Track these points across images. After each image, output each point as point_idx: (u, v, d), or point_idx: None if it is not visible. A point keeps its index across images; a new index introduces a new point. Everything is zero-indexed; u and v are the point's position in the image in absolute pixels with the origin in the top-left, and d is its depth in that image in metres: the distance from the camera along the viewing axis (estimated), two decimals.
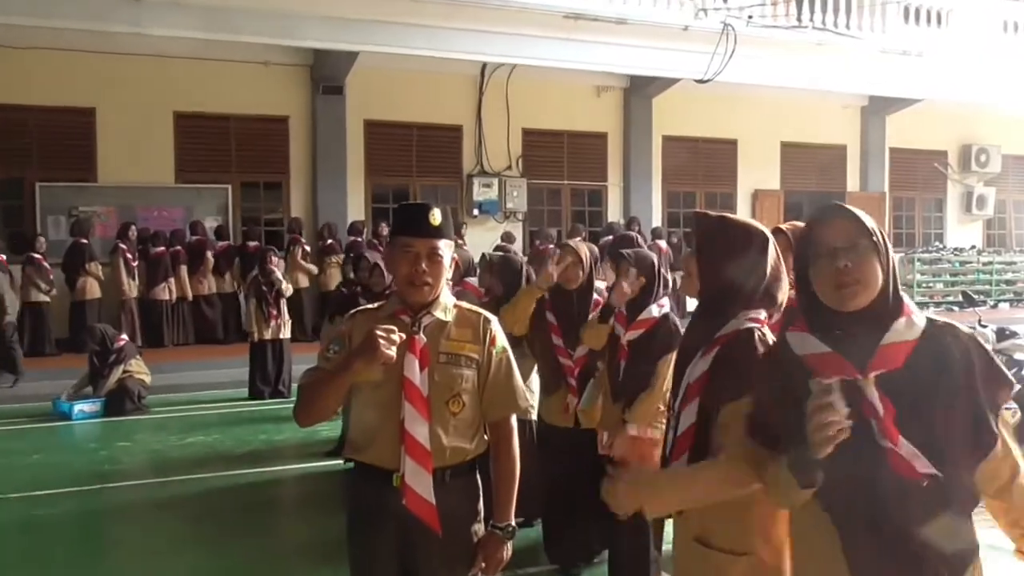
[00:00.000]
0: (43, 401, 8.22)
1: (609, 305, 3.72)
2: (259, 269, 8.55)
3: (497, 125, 13.12)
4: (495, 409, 2.31)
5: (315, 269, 11.45)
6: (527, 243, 13.18)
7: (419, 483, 2.16)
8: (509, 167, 13.36)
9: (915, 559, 1.59)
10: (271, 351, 8.57)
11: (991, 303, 15.70)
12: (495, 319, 2.37)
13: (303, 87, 12.20)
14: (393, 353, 2.04)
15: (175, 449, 6.79)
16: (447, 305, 2.30)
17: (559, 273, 4.01)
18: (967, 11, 13.94)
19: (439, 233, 2.23)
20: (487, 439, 2.33)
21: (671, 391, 2.30)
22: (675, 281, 6.87)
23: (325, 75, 11.94)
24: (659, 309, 3.64)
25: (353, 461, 2.33)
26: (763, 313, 2.13)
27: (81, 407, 7.85)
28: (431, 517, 2.17)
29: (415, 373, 2.19)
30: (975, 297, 9.52)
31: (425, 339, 2.23)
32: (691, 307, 2.53)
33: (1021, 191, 17.68)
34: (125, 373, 8.07)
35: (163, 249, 10.82)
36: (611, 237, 10.37)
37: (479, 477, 2.34)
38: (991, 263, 16.49)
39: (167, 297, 10.85)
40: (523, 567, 4.07)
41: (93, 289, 10.53)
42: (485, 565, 2.27)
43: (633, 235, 7.04)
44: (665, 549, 3.71)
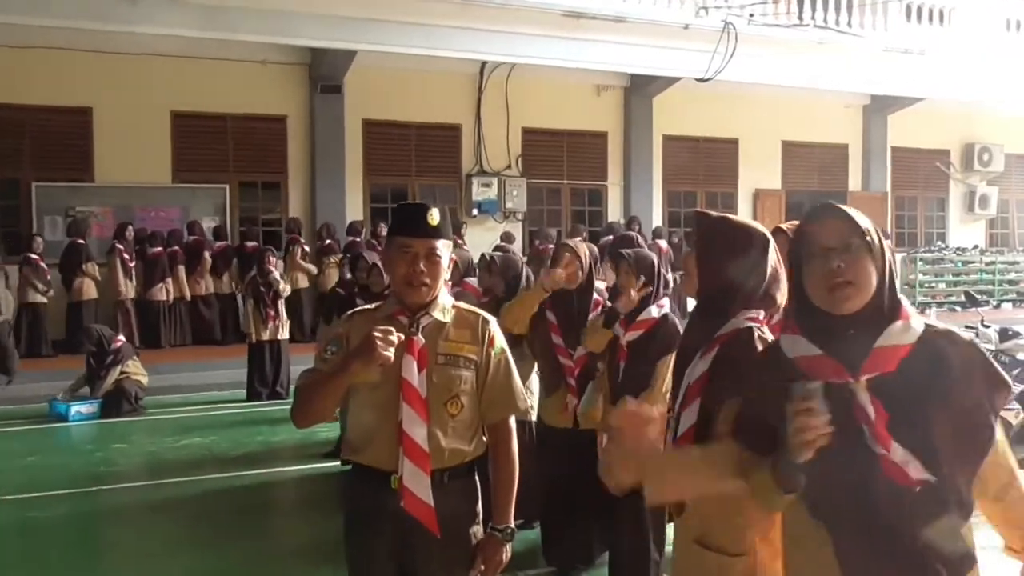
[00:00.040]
0: (39, 402, 8.19)
1: (615, 311, 3.70)
2: (257, 269, 8.53)
3: (496, 124, 13.09)
4: (494, 411, 2.30)
5: (314, 269, 11.40)
6: (526, 243, 13.15)
7: (417, 485, 2.16)
8: (508, 167, 13.33)
9: (910, 565, 1.56)
10: (269, 352, 8.54)
11: (994, 303, 15.67)
12: (493, 320, 2.36)
13: (301, 86, 12.17)
14: (391, 354, 2.03)
15: (172, 451, 6.78)
16: (445, 306, 2.30)
17: (553, 275, 3.98)
18: (969, 9, 13.90)
19: (437, 233, 2.21)
20: (486, 441, 2.32)
21: (671, 392, 2.30)
22: (676, 281, 6.82)
23: (323, 74, 11.92)
24: (659, 310, 3.64)
25: (350, 463, 2.32)
26: (762, 313, 2.14)
27: (78, 408, 7.83)
28: (429, 519, 2.16)
29: (413, 374, 2.18)
30: (978, 297, 9.47)
31: (423, 340, 2.22)
32: (692, 307, 2.55)
33: None
34: (122, 374, 8.05)
35: (160, 249, 10.82)
36: (611, 237, 10.34)
37: (478, 479, 2.33)
38: (994, 263, 16.45)
39: (164, 298, 10.84)
40: (523, 569, 4.05)
41: (90, 290, 10.50)
42: (484, 567, 2.27)
43: (633, 235, 7.03)
44: (666, 551, 3.73)
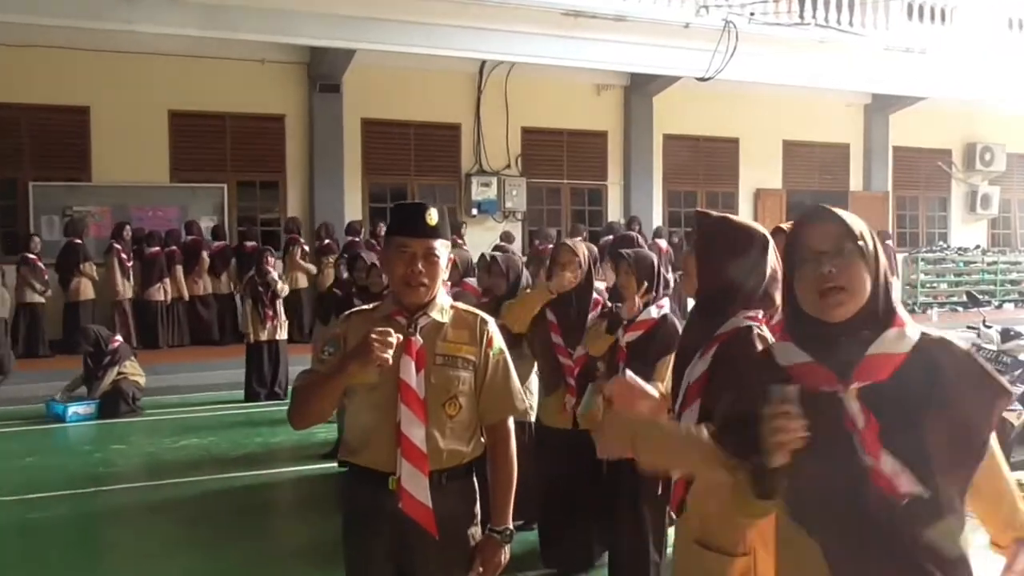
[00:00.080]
0: (37, 403, 8.17)
1: (618, 317, 3.69)
2: (255, 269, 8.51)
3: (496, 124, 13.04)
4: (492, 412, 2.29)
5: (314, 269, 11.38)
6: (526, 243, 13.12)
7: (415, 486, 2.15)
8: (508, 166, 13.28)
9: (901, 572, 1.54)
10: (267, 352, 8.51)
11: (996, 303, 15.65)
12: (492, 320, 2.35)
13: (299, 85, 12.14)
14: (389, 356, 2.02)
15: (170, 452, 6.75)
16: (443, 306, 2.28)
17: (561, 278, 3.97)
18: (971, 8, 13.86)
19: (436, 233, 2.20)
20: (484, 441, 2.31)
21: (671, 392, 2.30)
22: (676, 281, 6.78)
23: (322, 73, 11.89)
24: (658, 310, 3.63)
25: (348, 464, 2.31)
26: (761, 313, 2.15)
27: (75, 409, 7.80)
28: (428, 520, 2.15)
29: (411, 375, 2.17)
30: (979, 297, 9.44)
31: (421, 341, 2.21)
32: (691, 307, 2.56)
33: None
34: (119, 375, 8.02)
35: (158, 249, 10.80)
36: (611, 237, 10.31)
37: (476, 480, 2.32)
38: (996, 263, 16.44)
39: (162, 298, 10.82)
40: (522, 571, 4.02)
41: (87, 290, 10.47)
42: (483, 569, 2.26)
43: (633, 235, 7.02)
44: (666, 553, 3.72)
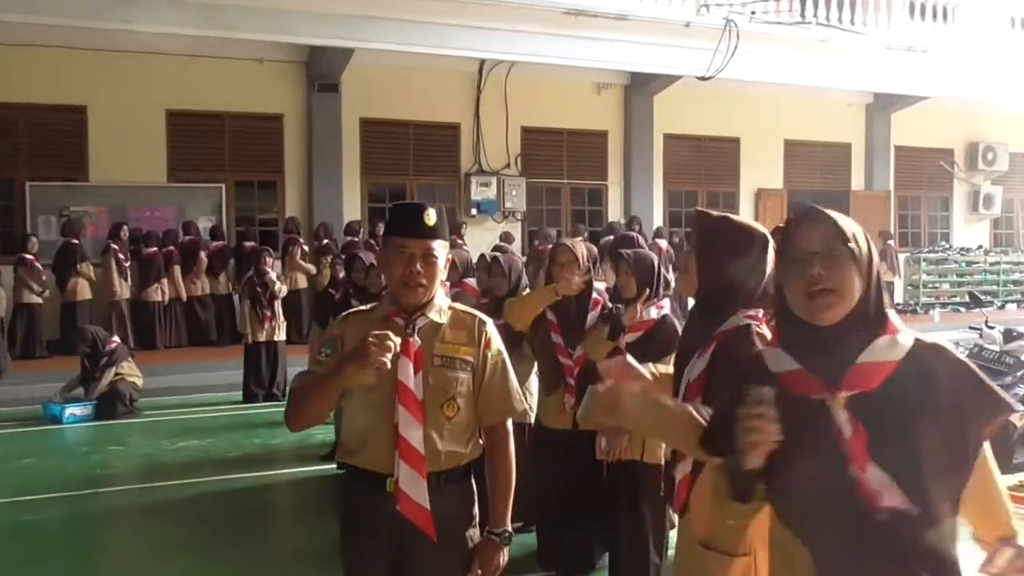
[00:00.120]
0: (33, 404, 8.14)
1: (620, 324, 3.67)
2: (254, 270, 8.49)
3: (495, 123, 13.00)
4: (490, 413, 2.28)
5: (314, 269, 11.34)
6: (526, 243, 13.09)
7: (413, 488, 2.14)
8: (508, 166, 13.24)
9: None
10: (265, 353, 8.48)
11: (998, 304, 15.63)
12: (490, 321, 2.34)
13: (298, 84, 12.10)
14: (388, 361, 2.00)
15: (167, 453, 6.73)
16: (441, 307, 2.27)
17: (568, 282, 3.93)
18: (973, 6, 13.83)
19: (434, 233, 2.19)
20: (482, 443, 2.30)
21: (672, 392, 2.30)
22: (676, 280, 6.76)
23: (320, 72, 11.85)
24: (658, 311, 3.63)
25: (346, 466, 2.30)
26: (761, 312, 2.17)
27: (72, 410, 7.77)
28: (426, 522, 2.14)
29: (409, 376, 2.16)
30: (982, 298, 9.42)
31: (419, 342, 2.20)
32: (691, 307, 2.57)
33: None
34: (117, 376, 7.99)
35: (155, 249, 10.77)
36: (611, 237, 10.27)
37: (474, 481, 2.32)
38: (998, 263, 16.40)
39: (159, 298, 10.79)
40: (521, 574, 3.97)
41: (84, 290, 10.45)
42: (481, 572, 2.25)
43: (634, 235, 6.97)
44: (666, 555, 3.70)
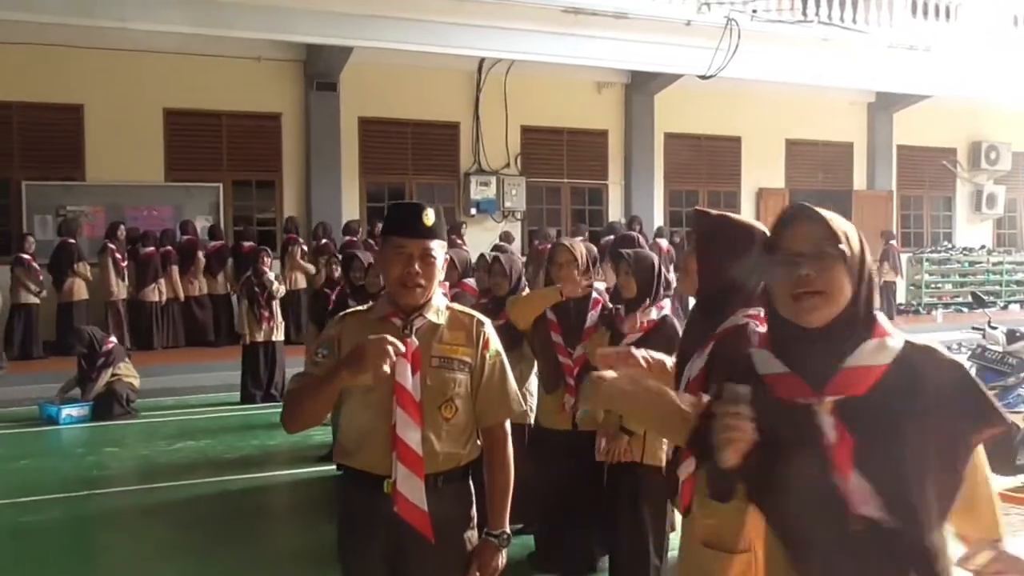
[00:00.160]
0: (30, 405, 8.11)
1: (620, 332, 3.65)
2: (252, 270, 8.47)
3: (495, 122, 12.96)
4: (489, 414, 2.27)
5: (314, 269, 11.28)
6: (525, 243, 13.05)
7: (411, 490, 2.13)
8: (507, 165, 13.20)
9: None
10: (263, 354, 8.44)
11: (1001, 304, 15.61)
12: (488, 322, 2.33)
13: (296, 83, 12.07)
14: (387, 369, 1.99)
15: (164, 454, 6.70)
16: (439, 307, 2.26)
17: (574, 284, 3.90)
18: (976, 5, 13.80)
19: (432, 234, 2.18)
20: (480, 444, 2.29)
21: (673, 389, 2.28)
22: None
23: (319, 71, 11.82)
24: (658, 311, 3.61)
25: (343, 467, 2.28)
26: (762, 311, 2.12)
27: (69, 411, 7.74)
28: (423, 524, 2.13)
29: (407, 377, 2.14)
30: (985, 298, 9.37)
31: (417, 342, 2.18)
32: (692, 307, 2.57)
33: None
34: (114, 376, 7.95)
35: (153, 249, 10.73)
36: (612, 237, 10.23)
37: (472, 483, 2.31)
38: (1001, 263, 16.37)
39: (156, 298, 10.75)
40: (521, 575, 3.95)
41: (80, 290, 10.42)
42: (479, 574, 2.24)
43: (634, 235, 6.93)
44: (667, 556, 3.70)
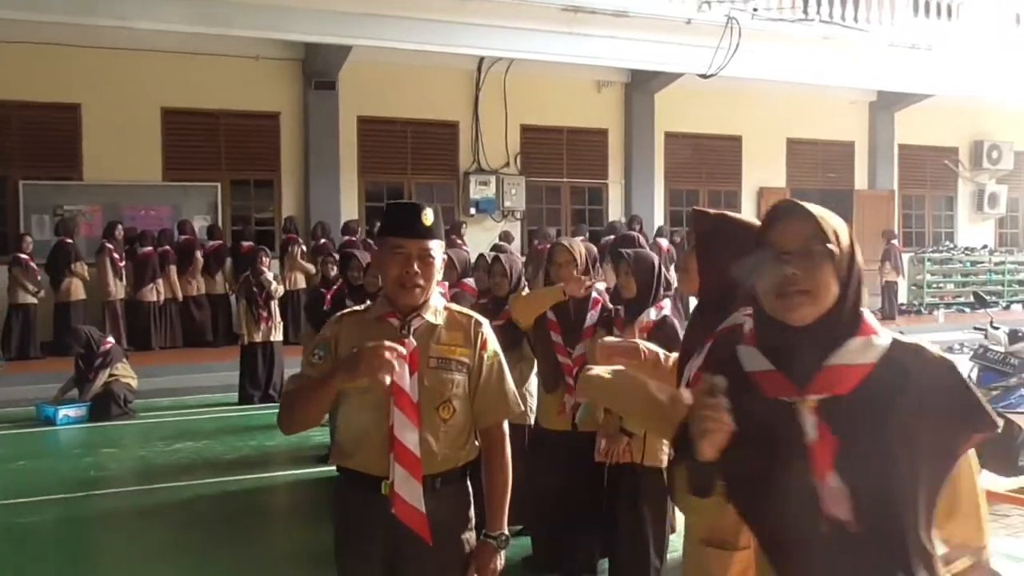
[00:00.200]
0: (27, 406, 8.10)
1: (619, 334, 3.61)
2: (250, 270, 8.46)
3: (494, 121, 12.94)
4: (487, 415, 2.26)
5: (314, 269, 11.24)
6: (525, 242, 13.02)
7: (409, 491, 2.12)
8: (507, 164, 13.17)
9: None
10: (262, 354, 8.41)
11: (1003, 304, 15.55)
12: (486, 322, 2.31)
13: (294, 82, 12.04)
14: (387, 379, 1.97)
15: (162, 455, 6.69)
16: (437, 308, 2.25)
17: (577, 284, 3.89)
18: (977, 3, 13.78)
19: (431, 234, 2.17)
20: (478, 445, 2.28)
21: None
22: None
23: (317, 70, 11.80)
24: (657, 312, 3.59)
25: (340, 468, 2.27)
26: None
27: (66, 412, 7.72)
28: (421, 526, 2.12)
29: (404, 378, 2.12)
30: (987, 298, 9.35)
31: (415, 343, 2.16)
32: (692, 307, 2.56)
33: None
34: (111, 377, 7.93)
35: (151, 249, 10.71)
36: (612, 236, 10.20)
37: (470, 484, 2.30)
38: (1003, 263, 16.33)
39: (154, 298, 10.73)
40: None
41: (78, 290, 10.39)
42: (477, 575, 2.23)
43: (635, 235, 6.89)
44: (670, 557, 3.69)
